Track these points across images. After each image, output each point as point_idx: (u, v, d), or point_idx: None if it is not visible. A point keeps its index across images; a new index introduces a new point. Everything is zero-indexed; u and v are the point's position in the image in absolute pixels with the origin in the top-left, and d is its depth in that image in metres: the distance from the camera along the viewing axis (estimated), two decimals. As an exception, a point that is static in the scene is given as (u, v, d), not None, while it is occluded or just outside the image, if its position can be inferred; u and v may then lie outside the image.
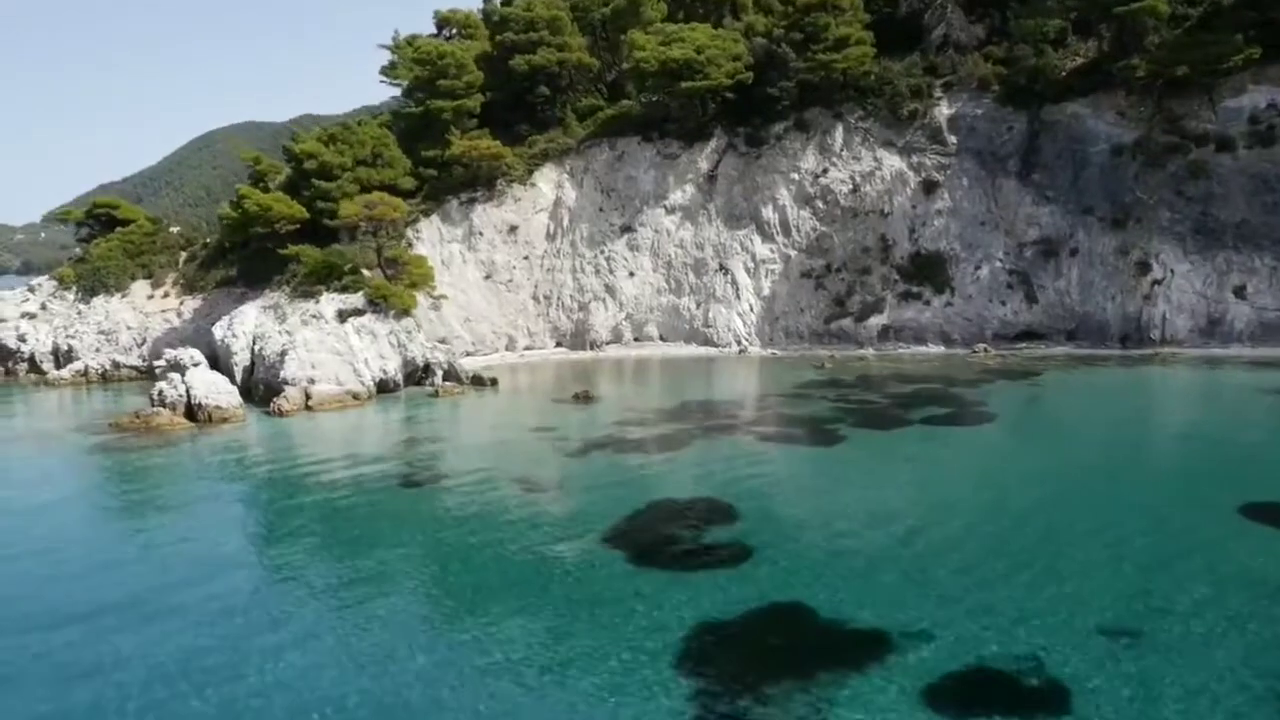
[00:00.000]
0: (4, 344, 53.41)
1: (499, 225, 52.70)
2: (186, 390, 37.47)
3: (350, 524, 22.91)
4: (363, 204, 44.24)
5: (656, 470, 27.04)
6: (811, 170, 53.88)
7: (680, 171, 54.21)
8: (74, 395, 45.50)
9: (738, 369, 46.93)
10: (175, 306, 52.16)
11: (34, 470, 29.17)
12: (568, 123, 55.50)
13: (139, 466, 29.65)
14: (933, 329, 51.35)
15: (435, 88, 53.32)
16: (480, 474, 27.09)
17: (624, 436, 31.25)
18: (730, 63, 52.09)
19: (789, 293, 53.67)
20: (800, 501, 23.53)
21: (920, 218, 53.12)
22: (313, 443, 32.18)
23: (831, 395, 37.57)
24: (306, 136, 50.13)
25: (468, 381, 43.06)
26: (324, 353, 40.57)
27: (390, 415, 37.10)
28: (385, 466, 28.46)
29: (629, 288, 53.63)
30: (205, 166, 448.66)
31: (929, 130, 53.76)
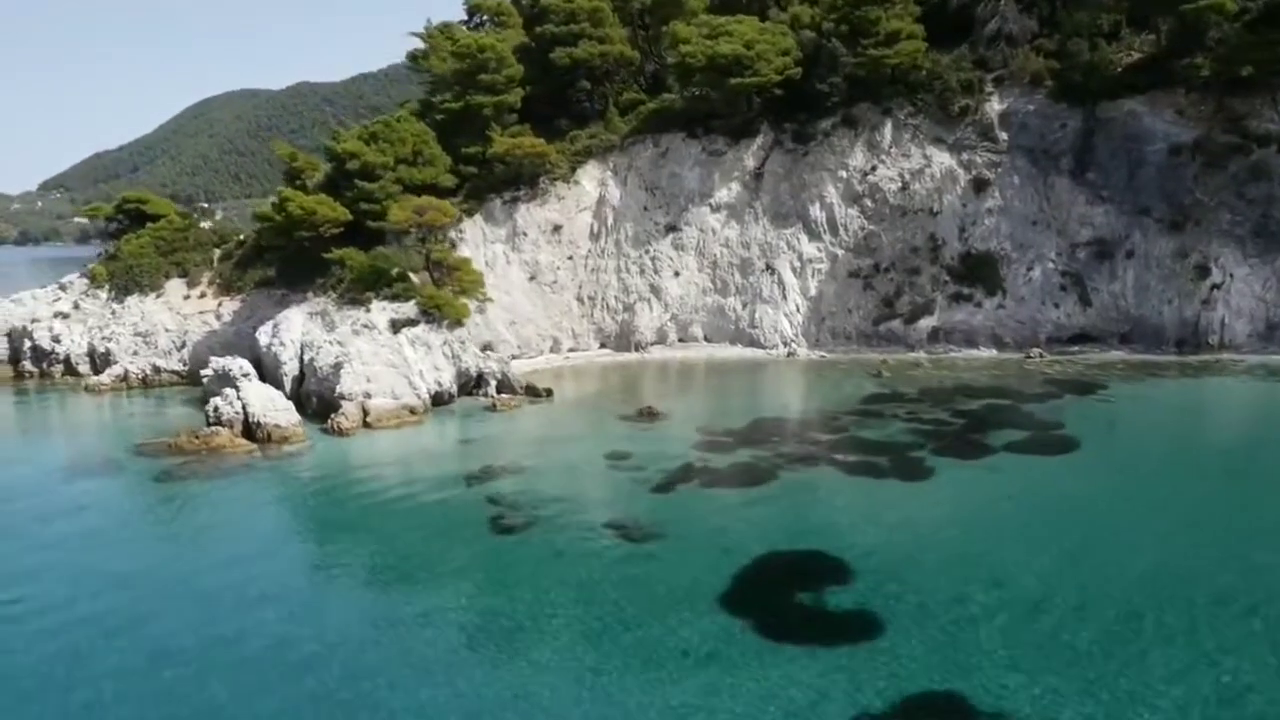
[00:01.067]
0: (38, 345, 52.46)
1: (542, 225, 51.67)
2: (243, 407, 36.72)
3: (459, 580, 22.28)
4: (412, 209, 43.19)
5: (750, 513, 26.40)
6: (859, 168, 52.81)
7: (726, 169, 53.11)
8: (117, 404, 44.67)
9: (792, 375, 46.26)
10: (213, 308, 51.16)
11: (113, 511, 28.19)
12: (610, 118, 54.25)
13: (218, 502, 28.95)
14: (984, 331, 50.63)
15: (475, 82, 51.95)
16: (568, 515, 26.49)
17: (704, 467, 30.60)
18: (779, 58, 50.84)
19: (836, 293, 52.85)
20: (912, 555, 22.89)
21: (970, 217, 52.18)
22: (384, 472, 31.47)
23: (901, 413, 36.94)
24: (347, 136, 48.84)
25: (521, 391, 42.36)
26: (379, 365, 39.77)
27: (452, 435, 36.38)
28: (468, 502, 27.83)
29: (674, 288, 52.76)
30: (202, 135, 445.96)
31: (980, 127, 52.65)
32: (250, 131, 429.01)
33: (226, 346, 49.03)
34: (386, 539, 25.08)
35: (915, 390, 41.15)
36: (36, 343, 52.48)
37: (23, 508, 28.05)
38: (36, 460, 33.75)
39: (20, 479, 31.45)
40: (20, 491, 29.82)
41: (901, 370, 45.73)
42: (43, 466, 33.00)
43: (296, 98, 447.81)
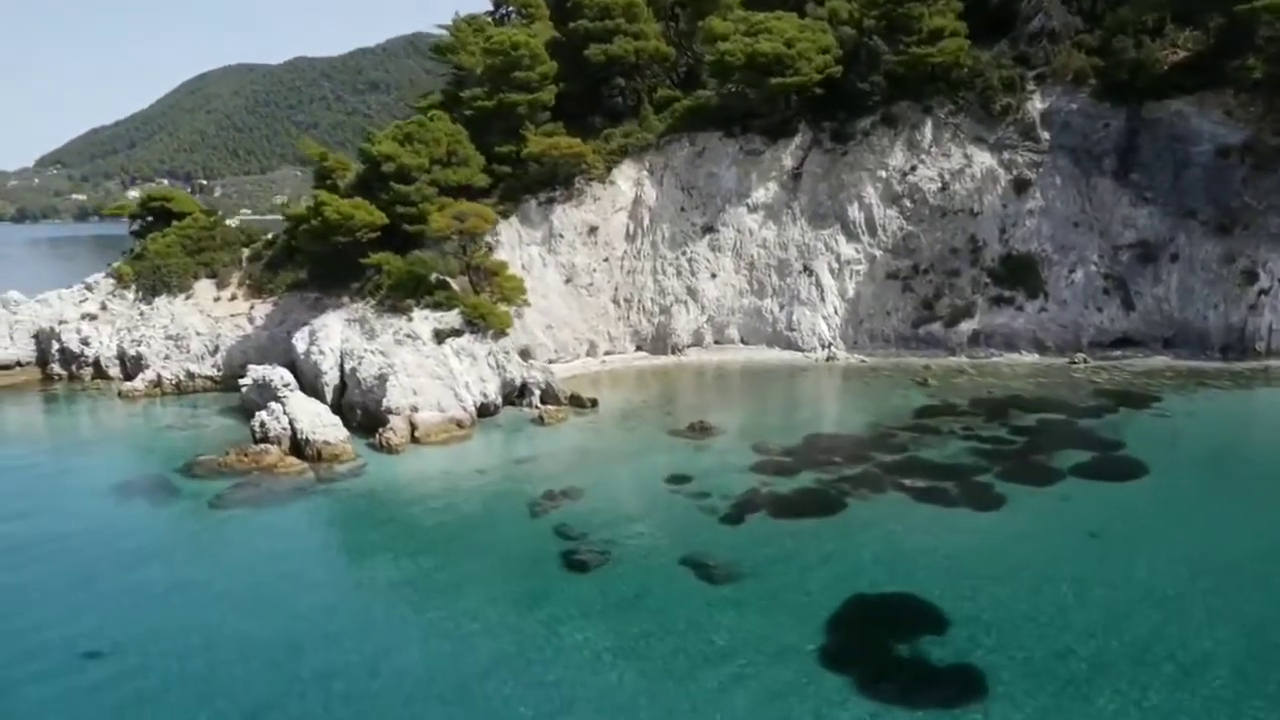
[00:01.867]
0: (67, 347, 51.75)
1: (578, 226, 50.89)
2: (290, 423, 36.19)
3: (547, 630, 21.85)
4: (453, 215, 42.42)
5: (826, 548, 25.92)
6: (899, 167, 52.01)
7: (763, 169, 52.28)
8: (154, 412, 44.01)
9: (836, 383, 45.74)
10: (245, 311, 50.43)
11: (176, 549, 27.37)
12: (645, 116, 53.30)
13: (280, 534, 28.51)
14: (1025, 335, 50.10)
15: (509, 79, 50.97)
16: (641, 550, 26.07)
17: (769, 493, 30.17)
18: (819, 56, 49.87)
19: (874, 294, 52.23)
20: (1003, 601, 22.44)
21: (1011, 217, 51.50)
22: (444, 498, 30.91)
23: (957, 429, 36.51)
24: (382, 137, 47.82)
25: (565, 401, 41.84)
26: (424, 377, 39.18)
27: (504, 453, 35.84)
28: (536, 534, 27.40)
29: (710, 290, 52.10)
30: (199, 111, 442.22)
31: (1021, 126, 51.83)
32: (248, 107, 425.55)
33: (260, 351, 48.55)
34: (463, 582, 24.56)
35: (966, 401, 40.66)
36: (65, 345, 51.77)
37: (84, 544, 27.41)
38: (88, 482, 33.11)
39: (75, 506, 30.89)
40: (78, 523, 29.24)
41: (946, 378, 45.20)
42: (95, 488, 32.39)
43: (294, 73, 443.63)
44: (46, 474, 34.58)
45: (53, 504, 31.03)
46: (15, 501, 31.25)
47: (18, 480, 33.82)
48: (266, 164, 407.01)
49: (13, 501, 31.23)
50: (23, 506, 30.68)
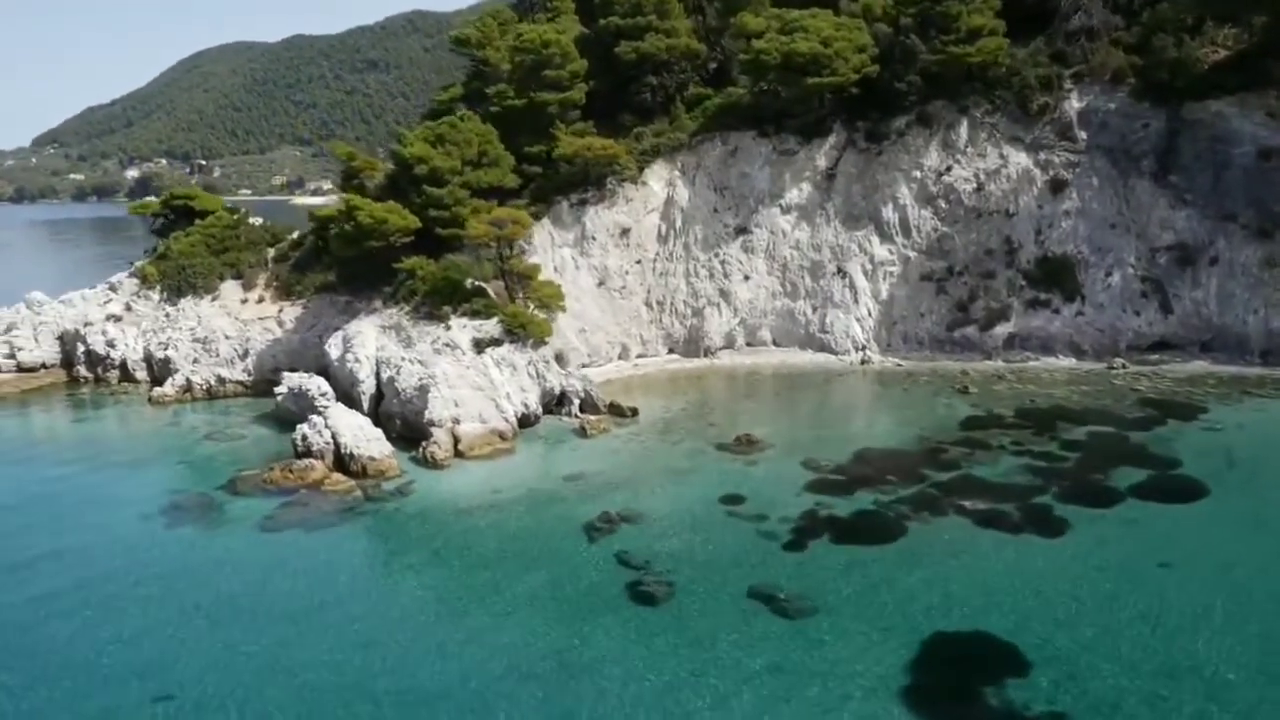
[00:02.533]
0: (93, 349, 51.30)
1: (610, 228, 50.26)
2: (333, 437, 35.78)
3: (625, 673, 21.54)
4: (490, 221, 41.80)
5: (894, 578, 25.59)
6: (934, 168, 51.35)
7: (797, 169, 51.61)
8: (187, 419, 43.58)
9: (874, 390, 45.29)
10: (274, 314, 49.88)
11: (229, 575, 26.98)
12: (677, 115, 52.53)
13: (335, 560, 28.17)
14: (1062, 339, 49.59)
15: (540, 79, 50.17)
16: (707, 581, 25.73)
17: (827, 516, 29.86)
18: (856, 55, 49.08)
19: (908, 296, 51.71)
20: (1083, 639, 22.11)
21: (1047, 219, 50.90)
22: (497, 520, 30.55)
23: (1006, 443, 36.15)
24: (413, 138, 47.07)
25: (605, 410, 41.43)
26: (465, 388, 38.75)
27: (551, 468, 35.41)
28: (599, 562, 27.12)
29: (743, 292, 51.56)
30: (197, 89, 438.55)
31: (1058, 125, 51.13)
32: (246, 86, 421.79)
33: (291, 356, 48.09)
34: (531, 615, 24.25)
35: (1010, 412, 40.27)
36: (90, 347, 51.34)
37: (138, 577, 27.01)
38: (133, 504, 32.62)
39: (124, 532, 30.44)
40: (129, 553, 28.80)
41: (986, 385, 44.78)
42: (141, 511, 31.97)
43: (292, 51, 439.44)
44: (88, 495, 34.05)
45: (100, 531, 30.55)
46: (61, 529, 30.86)
47: (59, 503, 33.35)
48: (265, 144, 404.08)
49: (58, 529, 30.84)
50: (69, 535, 30.27)
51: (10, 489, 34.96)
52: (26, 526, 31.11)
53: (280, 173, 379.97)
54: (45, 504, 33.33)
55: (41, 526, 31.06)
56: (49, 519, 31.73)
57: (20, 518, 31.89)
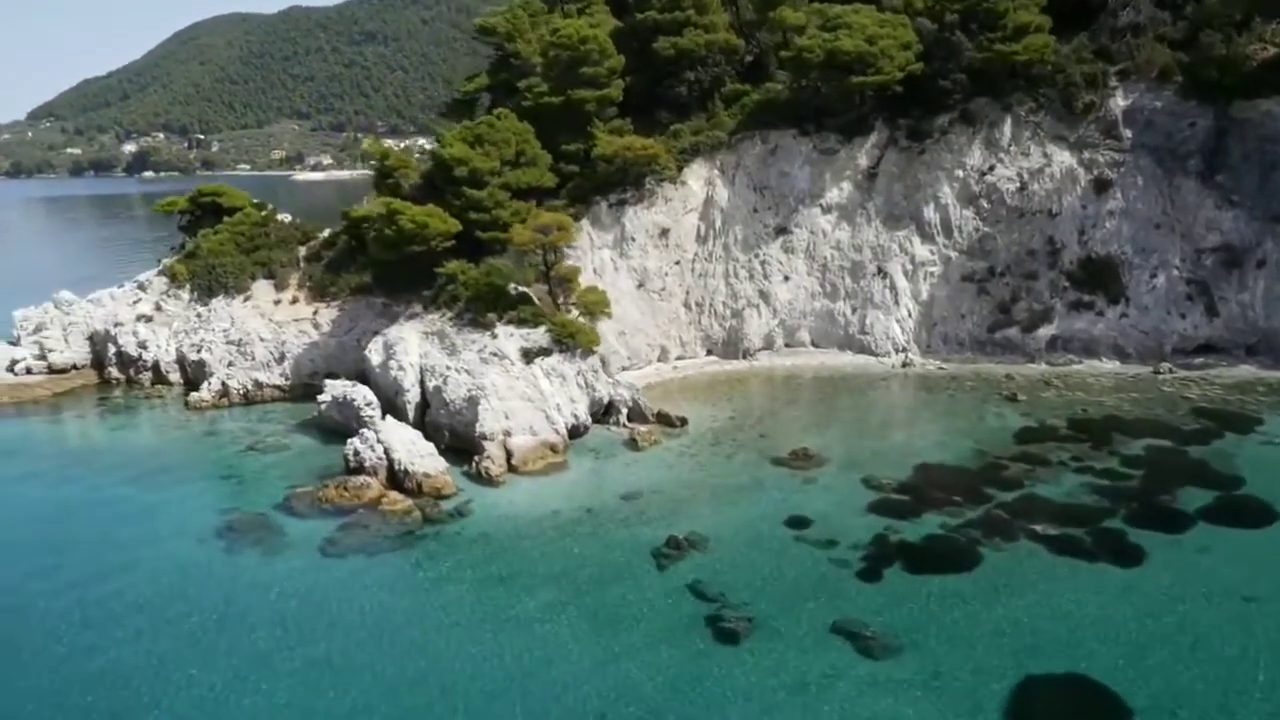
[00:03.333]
0: (124, 350, 50.66)
1: (650, 229, 49.53)
2: (385, 452, 35.32)
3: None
4: (535, 228, 41.11)
5: (978, 613, 25.18)
6: (977, 167, 50.62)
7: (838, 168, 50.83)
8: (227, 426, 42.98)
9: (921, 396, 44.74)
10: (309, 315, 49.18)
11: (301, 604, 26.64)
12: (715, 112, 51.61)
13: (404, 590, 27.81)
14: (1105, 341, 49.14)
15: (577, 75, 49.20)
16: (787, 614, 25.43)
17: (897, 540, 29.57)
18: (901, 53, 48.16)
19: (948, 297, 51.15)
20: (1183, 683, 21.80)
21: (1090, 219, 50.26)
22: (560, 544, 30.13)
23: (1065, 458, 35.80)
24: (452, 139, 46.14)
25: (653, 419, 40.99)
26: (515, 399, 38.24)
27: (606, 484, 34.93)
28: (671, 593, 26.78)
29: (783, 293, 50.96)
30: (192, 61, 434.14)
31: (1103, 124, 50.38)
32: (243, 59, 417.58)
33: (328, 360, 47.57)
34: (612, 653, 23.91)
35: (1063, 423, 39.86)
36: (122, 348, 50.71)
37: (200, 607, 26.63)
38: (185, 524, 32.15)
39: (180, 555, 29.97)
40: (187, 580, 28.34)
41: (1033, 391, 44.35)
42: (195, 531, 31.52)
43: (289, 23, 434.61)
44: (139, 514, 33.51)
45: (157, 555, 30.05)
46: (116, 552, 30.39)
47: (110, 523, 32.84)
48: (263, 117, 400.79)
49: (113, 553, 30.36)
50: (126, 559, 29.80)
51: (57, 507, 34.44)
52: (80, 550, 30.69)
53: (279, 147, 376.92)
54: (96, 524, 32.83)
55: (95, 550, 30.63)
56: (102, 541, 31.25)
57: (72, 540, 31.38)
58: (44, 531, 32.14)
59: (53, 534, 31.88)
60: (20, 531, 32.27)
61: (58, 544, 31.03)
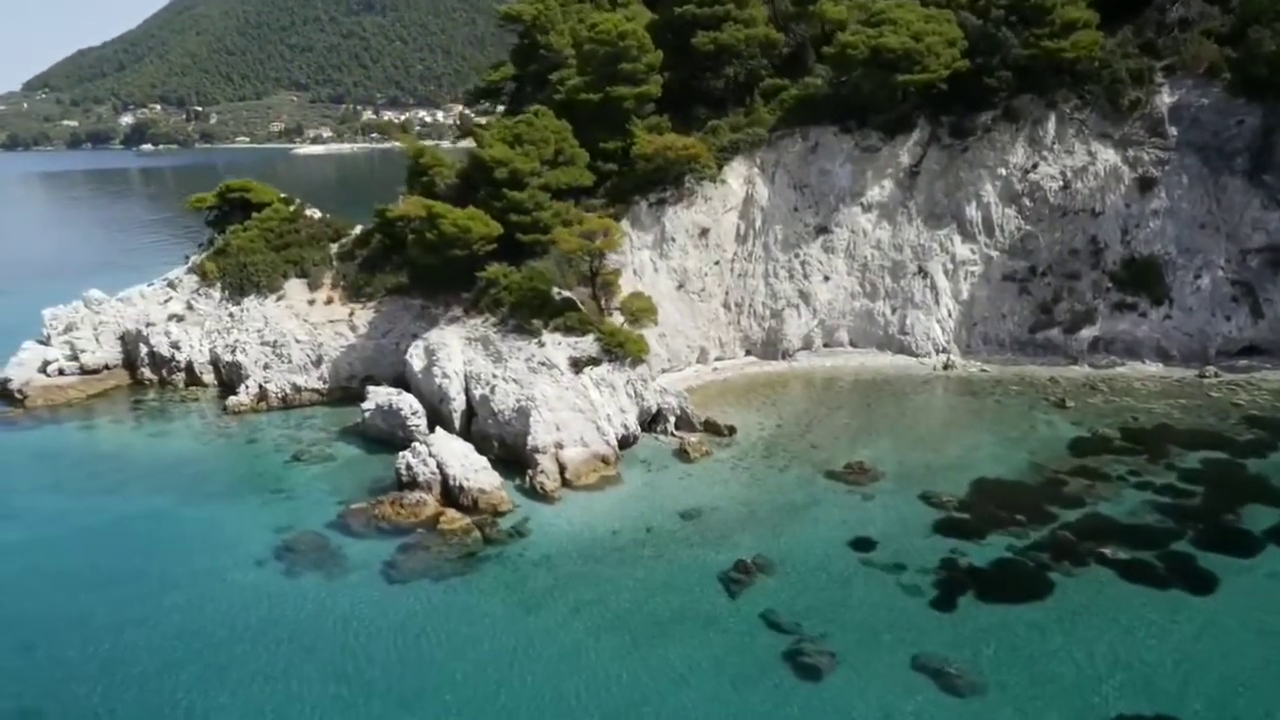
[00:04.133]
0: (156, 351, 50.08)
1: (690, 228, 48.86)
2: (438, 466, 34.93)
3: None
4: (582, 234, 40.49)
5: (1057, 647, 24.88)
6: (1020, 165, 49.93)
7: (879, 166, 50.09)
8: (268, 433, 42.49)
9: (967, 403, 44.23)
10: (344, 316, 48.57)
11: (372, 637, 26.31)
12: (755, 108, 50.76)
13: (471, 613, 27.51)
14: (1149, 343, 48.74)
15: (615, 71, 48.28)
16: (865, 648, 25.24)
17: (965, 564, 29.33)
18: (947, 50, 47.29)
19: (989, 297, 50.67)
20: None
21: (1134, 218, 49.68)
22: (619, 562, 29.93)
23: (1124, 472, 35.53)
24: (492, 139, 45.27)
25: (700, 427, 40.64)
26: (566, 410, 37.81)
27: (662, 500, 34.49)
28: (745, 622, 26.59)
29: (823, 293, 50.44)
30: (188, 31, 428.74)
31: (1149, 121, 49.69)
32: (239, 29, 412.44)
33: (367, 363, 47.10)
34: (696, 692, 23.69)
35: (1116, 432, 39.59)
36: (154, 348, 50.13)
37: (270, 641, 26.32)
38: (239, 546, 31.74)
39: (240, 580, 29.61)
40: (250, 609, 27.99)
41: (1080, 396, 43.99)
42: (251, 554, 31.09)
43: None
44: (190, 533, 33.11)
45: (215, 580, 29.65)
46: (171, 577, 30.00)
47: (161, 543, 32.41)
48: (261, 88, 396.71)
49: (168, 577, 29.98)
50: (183, 585, 29.39)
51: (105, 528, 33.82)
52: (136, 580, 30.11)
53: (278, 119, 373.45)
54: (146, 544, 32.45)
55: (153, 579, 30.06)
56: (159, 569, 30.70)
57: (127, 569, 30.88)
58: (95, 559, 31.54)
59: (105, 561, 31.28)
60: (69, 559, 31.56)
61: (112, 573, 30.48)
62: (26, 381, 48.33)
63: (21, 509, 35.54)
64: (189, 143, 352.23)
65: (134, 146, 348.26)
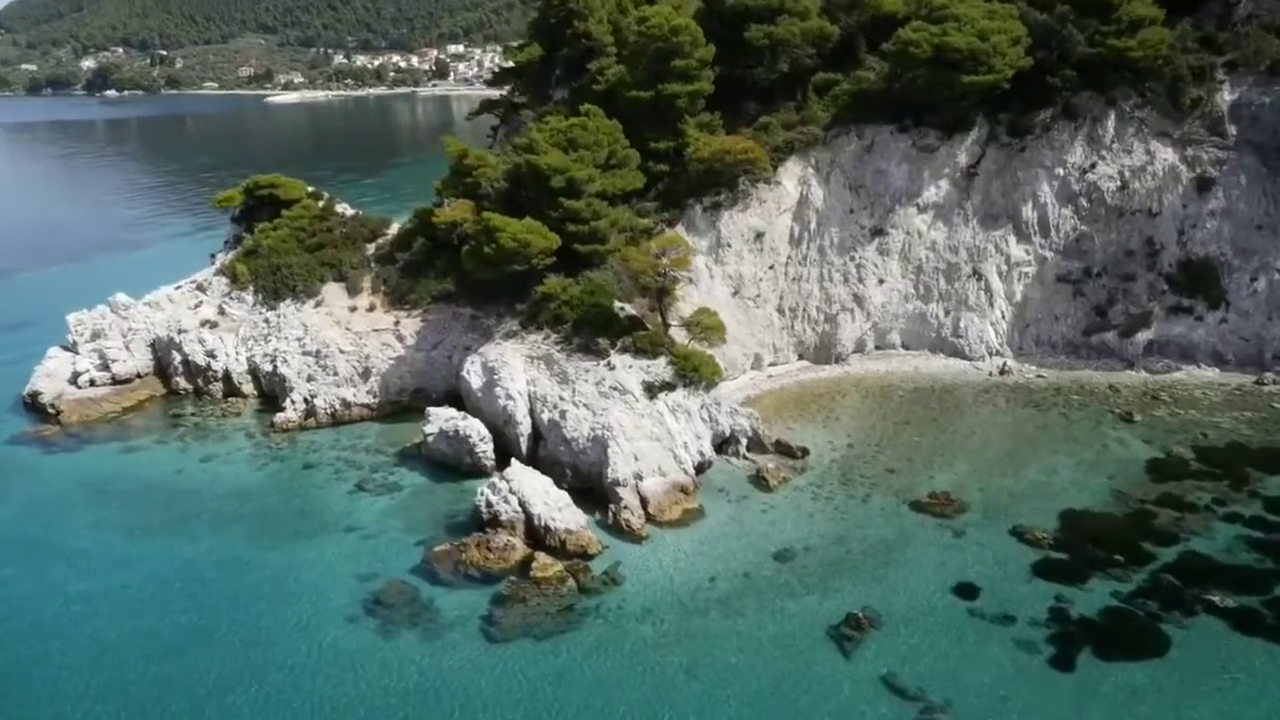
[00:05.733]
0: (191, 359, 48.31)
1: (745, 233, 47.55)
2: (520, 504, 34.01)
3: None
4: (653, 253, 39.20)
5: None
6: (1078, 164, 48.94)
7: (936, 166, 48.85)
8: (323, 456, 41.10)
9: (1030, 414, 43.70)
10: (390, 325, 46.95)
11: (488, 714, 25.81)
12: (809, 105, 49.12)
13: (586, 681, 26.86)
14: (1204, 348, 48.50)
15: (667, 68, 46.38)
16: (994, 717, 24.93)
17: (1076, 615, 29.06)
18: (1012, 48, 45.83)
19: (1042, 298, 50.04)
20: None
21: (1191, 219, 49.02)
22: (721, 614, 29.51)
23: (1209, 501, 35.47)
24: (546, 144, 43.28)
25: (771, 448, 39.96)
26: (643, 440, 36.91)
27: (749, 538, 33.81)
28: (864, 683, 26.37)
29: (877, 296, 49.53)
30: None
31: (1209, 120, 48.80)
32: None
33: (417, 376, 45.84)
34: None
35: (1189, 451, 39.43)
36: (189, 356, 48.34)
37: (374, 708, 25.65)
38: (322, 593, 30.92)
39: (332, 638, 28.89)
40: (347, 669, 27.35)
41: (1144, 407, 43.73)
42: (339, 607, 30.28)
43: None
44: (265, 581, 32.03)
45: (305, 644, 28.75)
46: (257, 640, 29.05)
47: (238, 597, 31.26)
48: (228, 31, 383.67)
49: (254, 640, 29.04)
50: (270, 650, 28.50)
51: (176, 573, 32.73)
52: (219, 630, 29.33)
53: (246, 64, 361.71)
54: (224, 594, 31.41)
55: (237, 629, 29.39)
56: (239, 617, 30.04)
57: (206, 618, 30.04)
58: (174, 613, 30.50)
59: (186, 616, 30.33)
60: (149, 614, 30.44)
61: (197, 629, 29.58)
62: (59, 395, 46.58)
63: (84, 552, 34.29)
64: (155, 89, 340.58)
65: (97, 93, 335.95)
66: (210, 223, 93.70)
